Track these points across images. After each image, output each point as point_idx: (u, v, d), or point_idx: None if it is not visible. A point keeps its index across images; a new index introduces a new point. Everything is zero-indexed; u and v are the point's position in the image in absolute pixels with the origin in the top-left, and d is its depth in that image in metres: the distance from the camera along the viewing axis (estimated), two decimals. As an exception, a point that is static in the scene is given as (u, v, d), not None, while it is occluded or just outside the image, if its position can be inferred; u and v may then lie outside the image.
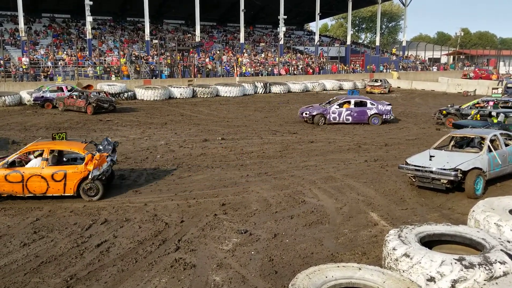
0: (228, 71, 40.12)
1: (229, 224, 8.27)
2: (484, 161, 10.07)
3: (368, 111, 19.77)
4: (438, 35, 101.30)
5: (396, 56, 58.14)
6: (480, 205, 6.83)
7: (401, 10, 77.17)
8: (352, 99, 20.61)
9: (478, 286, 4.61)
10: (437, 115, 20.27)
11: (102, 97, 23.60)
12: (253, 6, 50.03)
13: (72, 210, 8.99)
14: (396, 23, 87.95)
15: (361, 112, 19.84)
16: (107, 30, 46.24)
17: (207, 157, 13.90)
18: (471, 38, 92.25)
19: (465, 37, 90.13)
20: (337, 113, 19.81)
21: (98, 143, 11.02)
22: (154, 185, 10.87)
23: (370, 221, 8.46)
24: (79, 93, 23.97)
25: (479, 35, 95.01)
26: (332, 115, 19.81)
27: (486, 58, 67.22)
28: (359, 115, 19.82)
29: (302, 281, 4.62)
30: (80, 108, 23.07)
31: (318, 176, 11.65)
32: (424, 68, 56.43)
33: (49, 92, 25.48)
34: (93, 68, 33.74)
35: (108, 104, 23.40)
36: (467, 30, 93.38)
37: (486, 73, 48.92)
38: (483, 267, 4.77)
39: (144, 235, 7.74)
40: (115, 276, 6.32)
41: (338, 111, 19.83)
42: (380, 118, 19.74)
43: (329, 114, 19.83)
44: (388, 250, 5.46)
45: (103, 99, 23.48)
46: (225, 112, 24.42)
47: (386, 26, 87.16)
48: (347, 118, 19.80)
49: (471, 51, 72.45)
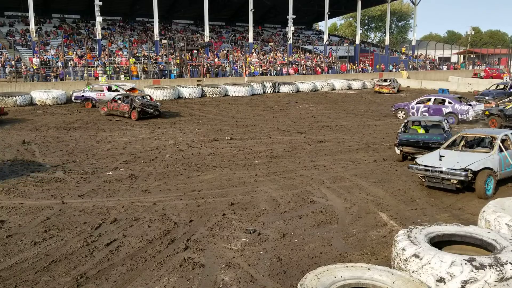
0: (236, 70, 40.15)
1: (238, 223, 8.28)
2: (495, 161, 9.96)
3: (444, 109, 20.28)
4: (448, 34, 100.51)
5: (406, 55, 57.75)
6: (490, 206, 6.77)
7: (410, 9, 76.75)
8: (433, 97, 21.65)
9: (489, 287, 4.57)
10: (480, 116, 19.26)
11: (147, 101, 22.05)
12: (262, 5, 50.03)
13: (82, 209, 9.05)
14: (405, 22, 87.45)
15: (436, 110, 20.51)
16: (117, 30, 46.49)
17: (216, 156, 13.92)
18: (482, 37, 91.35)
19: (476, 36, 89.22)
20: (416, 108, 21.17)
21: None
22: (163, 184, 10.91)
23: (379, 221, 8.42)
24: (123, 97, 22.65)
25: (490, 33, 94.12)
26: (411, 110, 21.28)
27: (497, 57, 66.46)
28: (434, 112, 20.42)
29: (310, 281, 4.61)
30: (124, 113, 21.71)
31: (327, 176, 11.62)
32: (434, 67, 56.01)
33: (89, 92, 26.10)
34: (102, 68, 33.94)
35: (153, 109, 21.63)
36: (478, 29, 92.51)
37: (497, 72, 48.39)
38: (494, 268, 4.72)
39: (153, 234, 7.78)
40: (124, 275, 6.36)
41: (416, 107, 21.20)
42: (455, 117, 19.94)
43: (409, 109, 21.42)
44: (398, 251, 5.43)
45: (148, 103, 21.84)
46: (234, 112, 24.44)
47: (395, 25, 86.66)
48: (423, 114, 20.65)
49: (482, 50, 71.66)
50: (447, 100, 20.74)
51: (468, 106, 19.99)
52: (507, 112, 18.23)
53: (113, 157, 13.85)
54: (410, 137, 13.08)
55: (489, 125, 18.05)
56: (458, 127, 18.69)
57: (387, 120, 21.09)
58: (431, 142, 12.56)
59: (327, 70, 45.46)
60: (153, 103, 22.41)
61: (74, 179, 11.35)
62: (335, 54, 50.76)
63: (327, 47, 51.04)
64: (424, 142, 12.71)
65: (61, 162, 13.19)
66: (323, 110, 25.71)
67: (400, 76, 46.22)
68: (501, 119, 18.19)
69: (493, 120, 18.35)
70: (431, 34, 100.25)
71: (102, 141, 16.37)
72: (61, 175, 11.72)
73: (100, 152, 14.54)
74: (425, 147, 12.47)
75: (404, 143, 12.95)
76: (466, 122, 19.67)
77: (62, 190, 10.40)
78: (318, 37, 58.57)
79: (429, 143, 12.57)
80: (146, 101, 22.17)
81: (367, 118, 21.80)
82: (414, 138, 13.01)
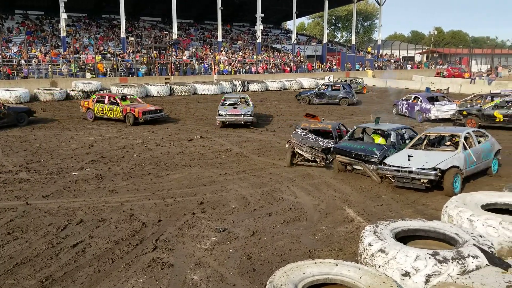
0: (206, 69, 39.94)
1: (208, 222, 8.26)
2: (460, 159, 10.19)
3: (416, 107, 21.43)
4: (412, 34, 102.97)
5: (372, 54, 58.83)
6: (453, 201, 6.97)
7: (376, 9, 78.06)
8: (413, 95, 22.83)
9: (452, 280, 4.71)
10: (456, 115, 18.90)
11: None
12: (230, 4, 49.93)
13: (47, 211, 8.83)
14: (371, 22, 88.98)
15: (412, 107, 21.76)
16: (82, 27, 45.44)
17: (185, 155, 13.83)
18: (444, 37, 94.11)
19: (439, 36, 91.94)
20: (401, 105, 22.76)
21: None
22: (130, 184, 10.76)
23: (347, 217, 8.57)
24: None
25: (452, 34, 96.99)
26: (399, 107, 22.93)
27: (459, 56, 68.57)
28: (410, 110, 21.84)
29: (280, 278, 4.64)
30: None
31: (296, 173, 11.72)
32: (399, 66, 57.27)
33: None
34: (67, 66, 33.12)
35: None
36: (440, 29, 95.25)
37: (459, 72, 49.95)
38: (457, 262, 4.86)
39: (120, 235, 7.66)
40: (92, 276, 6.25)
41: (402, 103, 22.77)
42: (422, 115, 20.89)
43: (398, 105, 23.09)
44: (364, 246, 5.54)
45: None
46: (203, 110, 24.32)
47: (361, 25, 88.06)
48: (404, 111, 22.31)
49: (444, 50, 73.95)
50: (420, 98, 21.56)
51: (431, 105, 20.55)
52: (486, 112, 18.08)
53: (79, 157, 13.55)
54: (345, 145, 11.83)
55: (467, 125, 17.69)
56: (421, 125, 19.25)
57: (354, 118, 21.40)
58: (364, 154, 11.18)
59: (296, 69, 45.81)
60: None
61: (38, 180, 11.05)
62: (303, 53, 51.18)
63: (295, 46, 51.39)
64: (356, 154, 11.30)
65: (25, 162, 12.82)
66: (292, 108, 25.89)
67: (366, 75, 47.02)
68: (479, 119, 18.09)
69: (471, 120, 18.16)
70: (396, 34, 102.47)
71: (67, 141, 15.99)
72: (24, 176, 11.39)
73: (65, 152, 14.20)
74: (358, 159, 11.27)
75: (337, 151, 11.74)
76: (429, 120, 20.23)
77: (26, 191, 10.10)
78: (286, 36, 58.92)
79: (361, 155, 11.22)
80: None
81: (335, 116, 22.08)
82: (348, 147, 11.66)
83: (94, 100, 20.93)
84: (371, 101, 30.00)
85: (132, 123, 19.16)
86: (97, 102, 20.75)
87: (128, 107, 19.58)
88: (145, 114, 19.27)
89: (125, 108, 19.58)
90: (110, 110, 20.12)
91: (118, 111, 19.81)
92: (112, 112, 20.08)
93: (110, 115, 20.19)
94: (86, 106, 21.02)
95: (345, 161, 11.63)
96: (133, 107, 19.54)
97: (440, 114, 20.32)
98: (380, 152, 11.11)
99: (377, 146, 11.64)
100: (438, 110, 20.40)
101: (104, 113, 20.36)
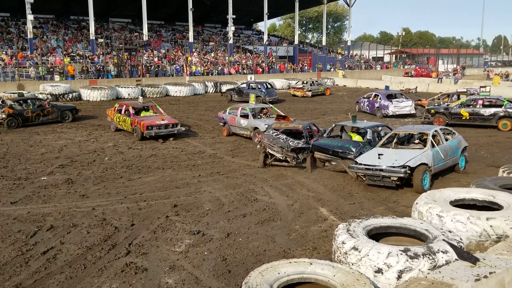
0: (178, 70, 39.64)
1: (182, 225, 8.20)
2: (429, 156, 10.42)
3: (375, 104, 22.71)
4: (381, 34, 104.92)
5: (342, 55, 59.61)
6: (422, 198, 7.12)
7: (345, 10, 79.22)
8: (374, 93, 23.97)
9: (423, 275, 4.81)
10: (424, 114, 19.42)
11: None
12: (202, 5, 49.73)
13: (15, 217, 8.59)
14: (341, 23, 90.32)
15: (372, 104, 23.03)
16: (50, 29, 44.40)
17: (158, 158, 13.69)
18: (412, 37, 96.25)
19: (406, 37, 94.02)
20: (363, 102, 23.97)
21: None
22: (102, 188, 10.58)
23: (320, 216, 8.65)
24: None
25: (419, 34, 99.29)
26: (361, 104, 24.21)
27: (426, 56, 70.29)
28: (371, 107, 23.14)
29: (255, 279, 4.65)
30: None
31: (269, 174, 11.77)
32: (369, 66, 58.29)
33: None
34: (35, 69, 32.31)
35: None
36: (408, 30, 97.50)
37: (427, 71, 51.24)
38: (427, 257, 4.97)
39: (92, 240, 7.52)
40: (63, 283, 6.11)
41: (363, 101, 24.04)
42: (381, 111, 22.20)
43: (360, 103, 24.44)
44: (338, 244, 5.61)
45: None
46: (176, 112, 24.10)
47: (332, 26, 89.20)
48: (366, 108, 23.61)
49: (412, 50, 75.61)
50: (379, 96, 22.96)
51: (389, 102, 21.98)
52: (453, 111, 18.48)
53: (48, 161, 13.24)
54: (323, 142, 12.18)
55: (434, 123, 18.03)
56: (381, 120, 19.98)
57: (325, 118, 21.62)
58: (341, 151, 11.55)
59: (268, 69, 45.98)
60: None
61: (6, 186, 10.74)
62: (275, 54, 51.45)
63: (267, 47, 51.59)
64: (334, 151, 11.67)
65: (-9, 168, 12.45)
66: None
67: (336, 75, 47.61)
68: (446, 117, 18.53)
69: (439, 118, 18.53)
70: (365, 35, 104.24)
71: (36, 145, 15.61)
72: (-9, 182, 11.06)
73: (34, 157, 13.86)
74: (335, 155, 11.64)
75: (315, 148, 12.07)
76: (388, 116, 21.63)
77: (-7, 198, 9.81)
78: (258, 37, 59.04)
79: (338, 152, 11.59)
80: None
81: (307, 116, 22.25)
82: (326, 144, 12.06)
83: (115, 109, 18.49)
84: (342, 101, 30.45)
85: (140, 138, 16.35)
86: (117, 111, 18.25)
87: (137, 119, 16.77)
88: (148, 129, 16.22)
89: (134, 120, 16.84)
90: (124, 121, 17.53)
91: (129, 123, 17.20)
92: (125, 124, 17.48)
93: (124, 127, 17.66)
94: (111, 115, 18.75)
95: (323, 157, 11.99)
96: (141, 120, 16.65)
97: (397, 110, 21.91)
98: (356, 149, 11.43)
99: (354, 143, 11.96)
100: (395, 106, 21.95)
101: (120, 124, 17.89)
